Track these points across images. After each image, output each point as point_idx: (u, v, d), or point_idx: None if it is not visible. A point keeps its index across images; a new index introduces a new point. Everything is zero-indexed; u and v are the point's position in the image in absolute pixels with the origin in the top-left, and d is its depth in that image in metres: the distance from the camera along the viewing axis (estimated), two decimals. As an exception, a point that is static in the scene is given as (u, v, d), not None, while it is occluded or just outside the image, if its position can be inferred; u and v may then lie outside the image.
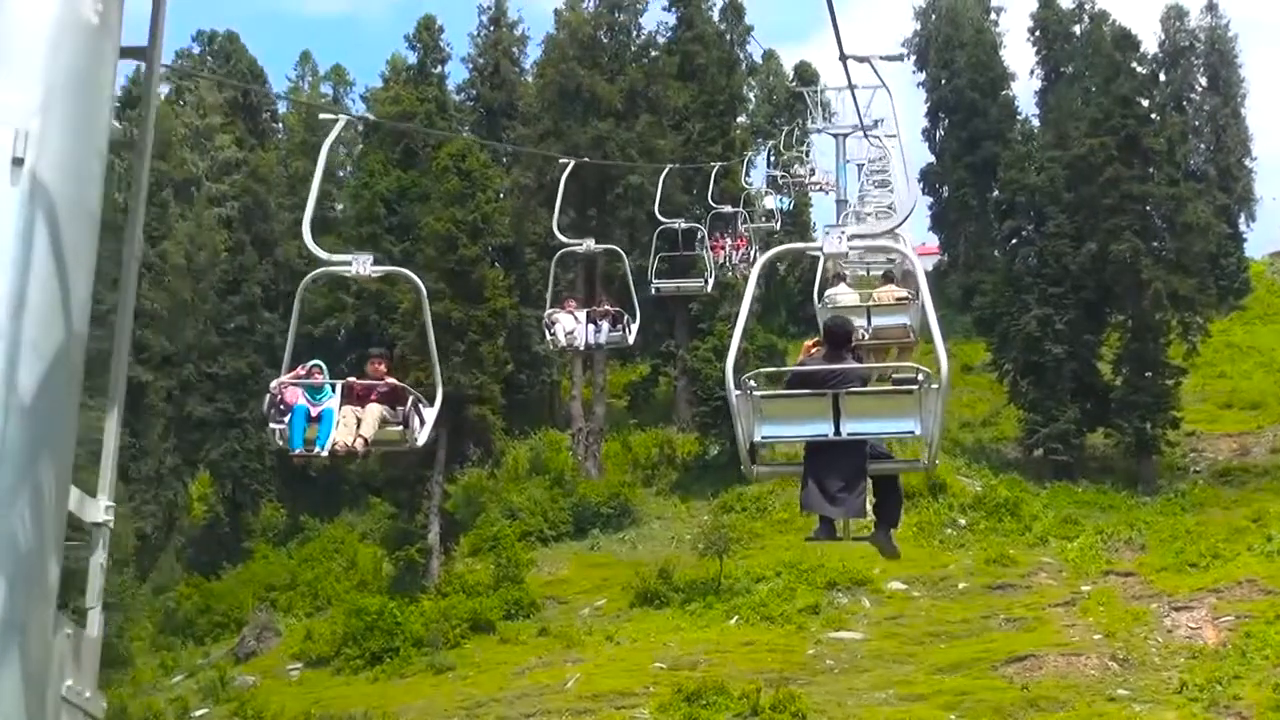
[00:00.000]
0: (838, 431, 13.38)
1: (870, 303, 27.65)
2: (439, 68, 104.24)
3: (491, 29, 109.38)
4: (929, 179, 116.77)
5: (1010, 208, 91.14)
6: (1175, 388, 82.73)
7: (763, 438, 13.59)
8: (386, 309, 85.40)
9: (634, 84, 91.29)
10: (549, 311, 33.62)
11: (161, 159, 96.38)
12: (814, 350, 15.50)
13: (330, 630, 72.93)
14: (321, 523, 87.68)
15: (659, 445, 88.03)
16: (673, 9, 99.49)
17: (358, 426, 19.48)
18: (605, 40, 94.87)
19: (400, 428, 19.62)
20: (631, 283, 35.81)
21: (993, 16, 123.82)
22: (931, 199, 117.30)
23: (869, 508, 14.47)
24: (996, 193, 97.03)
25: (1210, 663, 60.09)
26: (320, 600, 79.04)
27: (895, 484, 15.03)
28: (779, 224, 74.06)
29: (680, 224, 46.63)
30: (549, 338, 33.73)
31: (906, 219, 17.42)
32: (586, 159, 64.95)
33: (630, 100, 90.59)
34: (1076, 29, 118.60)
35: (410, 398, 19.79)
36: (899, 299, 27.87)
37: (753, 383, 13.77)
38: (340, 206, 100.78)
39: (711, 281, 47.72)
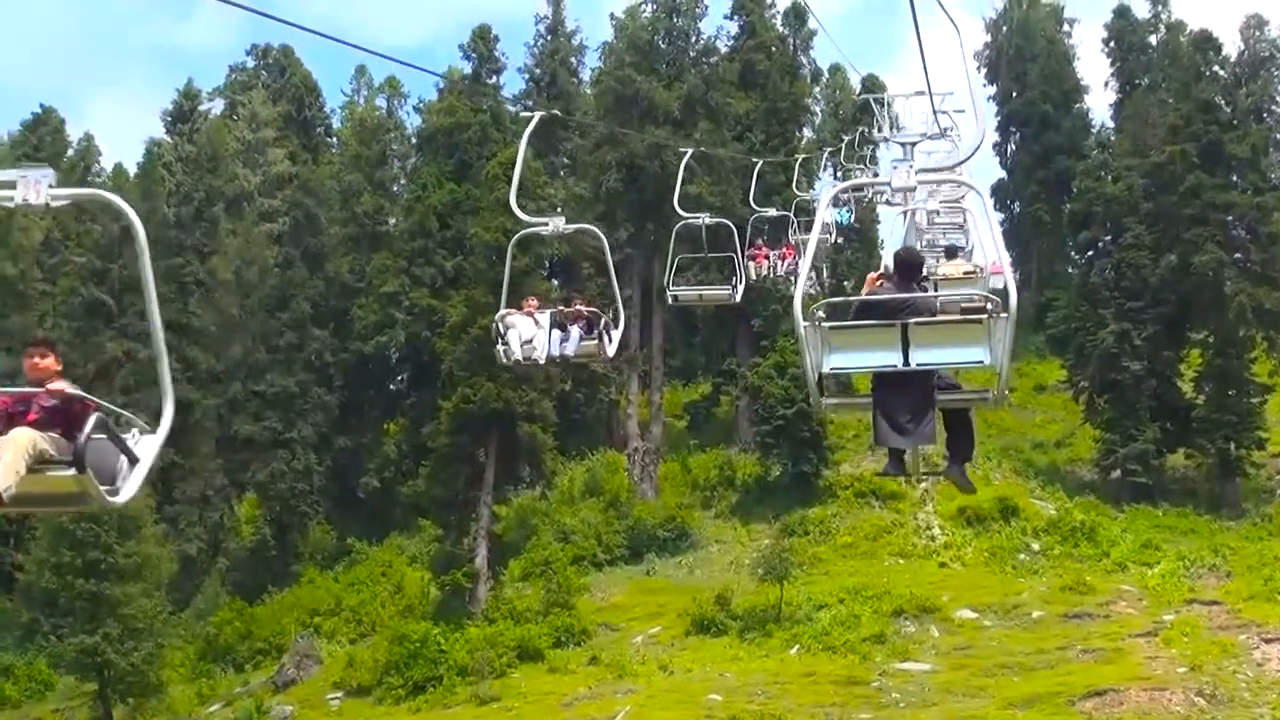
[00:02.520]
0: (906, 361, 13.18)
1: (939, 277, 25.46)
2: (494, 78, 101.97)
3: (549, 38, 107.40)
4: (1000, 194, 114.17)
5: (1086, 218, 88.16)
6: (1260, 406, 79.75)
7: (831, 369, 13.41)
8: (436, 324, 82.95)
9: (692, 90, 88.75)
10: (501, 313, 25.28)
11: (213, 174, 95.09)
12: (879, 282, 15.12)
13: (373, 658, 70.26)
14: (370, 545, 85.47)
15: (719, 466, 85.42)
16: (735, 16, 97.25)
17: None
18: (664, 46, 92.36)
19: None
20: (614, 273, 27.05)
21: (1065, 28, 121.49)
22: (1003, 215, 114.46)
23: (939, 443, 14.55)
24: (1071, 204, 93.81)
25: (1303, 698, 56.74)
26: (365, 626, 76.63)
27: (965, 417, 14.79)
28: (834, 235, 70.93)
29: (705, 218, 37.26)
30: (499, 348, 25.33)
31: (976, 153, 16.04)
32: (557, 113, 60.50)
33: (688, 107, 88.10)
34: (1152, 39, 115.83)
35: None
36: (966, 273, 26.10)
37: (820, 313, 13.46)
38: (393, 220, 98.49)
39: (741, 290, 39.34)
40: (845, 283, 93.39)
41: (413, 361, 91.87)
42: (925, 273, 17.07)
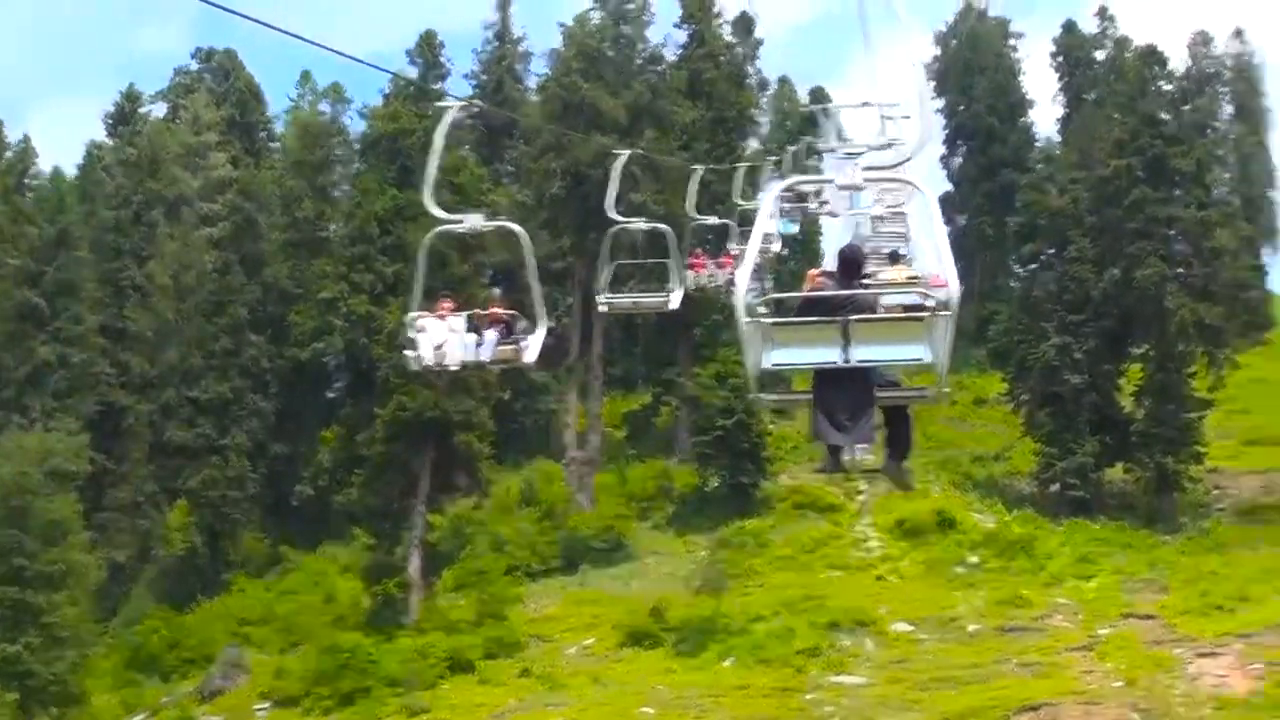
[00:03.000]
0: (847, 358, 13.00)
1: (882, 282, 24.87)
2: (440, 84, 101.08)
3: (496, 45, 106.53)
4: (945, 207, 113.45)
5: (1030, 231, 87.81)
6: (1199, 421, 79.64)
7: (772, 364, 13.21)
8: (375, 331, 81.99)
9: (639, 98, 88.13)
10: (411, 316, 22.83)
11: (153, 177, 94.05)
12: (819, 279, 14.91)
13: (302, 668, 69.46)
14: (303, 554, 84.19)
15: (656, 477, 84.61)
16: (683, 25, 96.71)
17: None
18: (611, 54, 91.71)
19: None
20: (535, 274, 22.97)
21: (1013, 42, 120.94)
22: (948, 228, 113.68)
23: (878, 438, 14.28)
24: (1015, 217, 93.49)
25: (1240, 713, 56.89)
26: (295, 636, 75.45)
27: (905, 414, 14.75)
28: (777, 245, 70.22)
29: (641, 223, 35.91)
30: (408, 354, 23.03)
31: (921, 150, 16.10)
32: (478, 103, 59.13)
33: (635, 115, 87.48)
34: (1099, 55, 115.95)
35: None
36: (910, 278, 25.64)
37: (762, 309, 13.08)
38: (334, 226, 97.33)
39: (677, 297, 37.64)
40: (787, 304, 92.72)
41: (350, 369, 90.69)
42: (867, 276, 16.23)
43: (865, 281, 15.09)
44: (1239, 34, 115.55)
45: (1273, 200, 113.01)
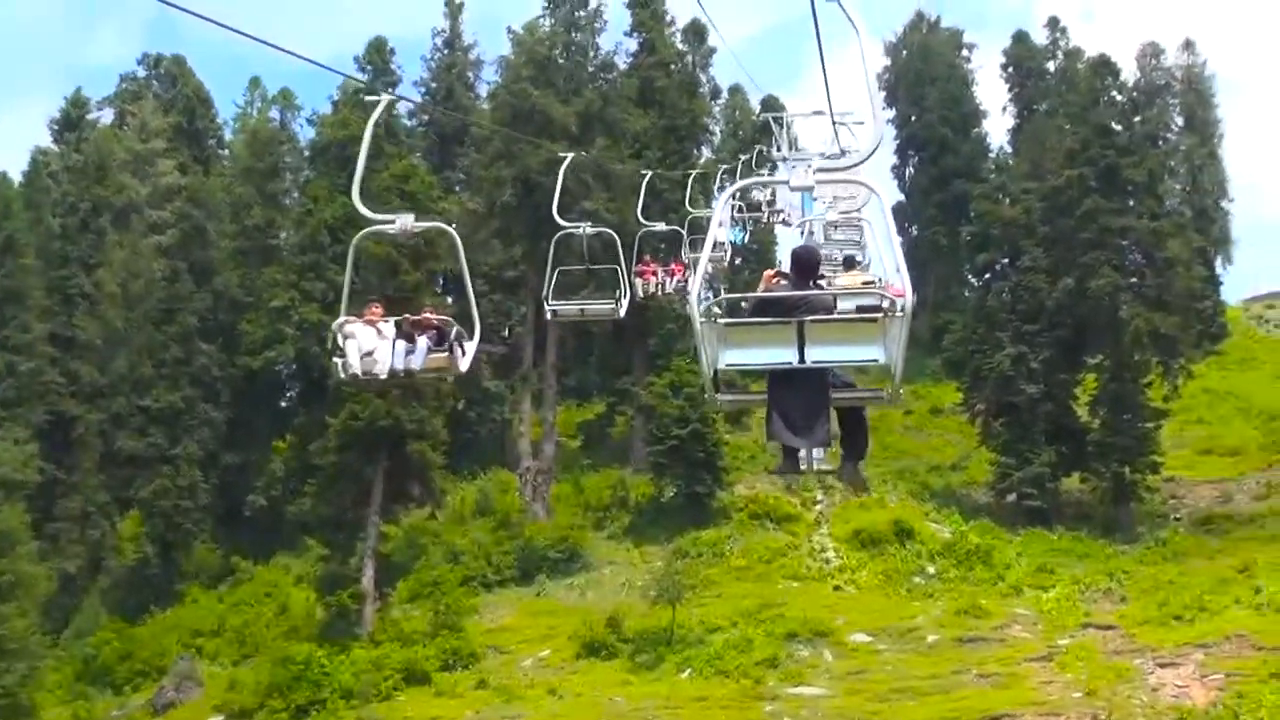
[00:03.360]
0: (802, 359, 13.08)
1: (837, 289, 24.39)
2: (389, 91, 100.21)
3: (445, 52, 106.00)
4: (898, 217, 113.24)
5: (983, 241, 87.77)
6: (1155, 431, 79.85)
7: (727, 364, 13.34)
8: (325, 340, 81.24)
9: (590, 106, 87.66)
10: (339, 321, 21.48)
11: (100, 184, 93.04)
12: (775, 280, 14.89)
13: (255, 680, 68.36)
14: (256, 564, 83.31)
15: (612, 487, 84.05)
16: (635, 33, 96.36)
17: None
18: (561, 61, 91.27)
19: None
20: (468, 278, 22.60)
21: (964, 53, 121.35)
22: (901, 238, 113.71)
23: (835, 440, 14.57)
24: (968, 227, 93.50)
25: (1200, 724, 56.28)
26: (248, 647, 74.69)
27: (860, 415, 14.89)
28: (729, 254, 69.71)
29: (586, 228, 34.47)
30: (335, 361, 21.61)
31: (873, 153, 15.24)
32: (405, 97, 58.63)
33: (586, 123, 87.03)
34: (1050, 65, 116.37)
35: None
36: (865, 283, 25.15)
37: (716, 309, 13.35)
38: (284, 234, 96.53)
39: (625, 305, 36.88)
40: (743, 304, 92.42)
41: (302, 377, 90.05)
42: (823, 278, 16.30)
43: (821, 285, 15.18)
44: (1189, 45, 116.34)
45: (1225, 211, 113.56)
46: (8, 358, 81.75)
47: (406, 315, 22.11)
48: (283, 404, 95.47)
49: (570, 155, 38.49)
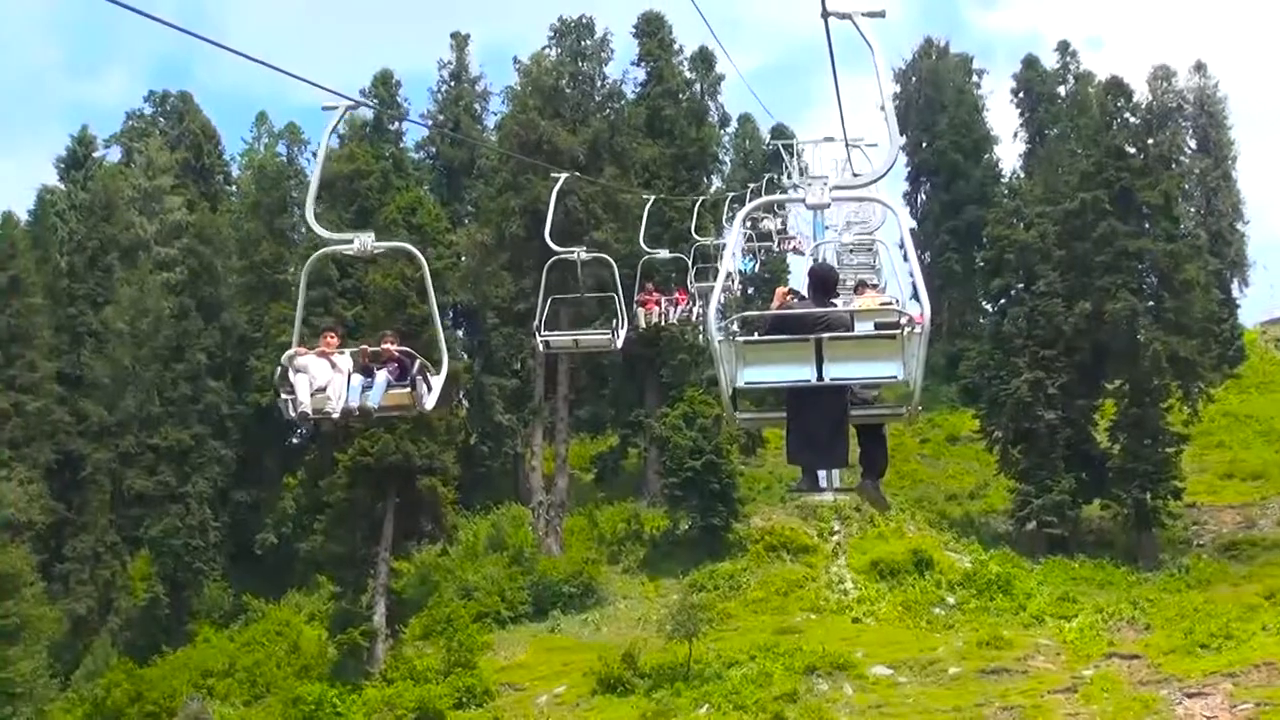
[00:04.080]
0: (820, 376, 13.01)
1: (854, 308, 23.92)
2: (396, 124, 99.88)
3: (452, 84, 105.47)
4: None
5: (998, 266, 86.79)
6: (1176, 456, 78.91)
7: (745, 383, 13.16)
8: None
9: (597, 135, 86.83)
10: (289, 353, 19.25)
11: (107, 222, 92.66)
12: (788, 297, 15.18)
13: (266, 720, 67.39)
14: (267, 603, 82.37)
15: (626, 520, 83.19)
16: (642, 63, 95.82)
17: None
18: (569, 90, 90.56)
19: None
20: (434, 305, 21.26)
21: (975, 79, 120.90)
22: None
23: (854, 459, 14.51)
24: (983, 251, 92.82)
25: (1231, 756, 55.18)
26: (259, 688, 73.56)
27: (879, 433, 14.87)
28: (737, 283, 68.95)
29: (581, 253, 32.18)
30: (284, 398, 19.44)
31: (889, 170, 15.21)
32: (367, 103, 57.42)
33: (594, 152, 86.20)
34: (1061, 90, 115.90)
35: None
36: (883, 304, 24.86)
37: (735, 327, 13.25)
38: (292, 269, 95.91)
39: (623, 335, 35.25)
40: (756, 333, 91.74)
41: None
42: (838, 298, 16.25)
43: (836, 301, 15.25)
44: (1200, 68, 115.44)
45: (1241, 233, 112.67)
46: (15, 397, 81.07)
47: (364, 346, 20.28)
48: (293, 440, 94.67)
49: (564, 175, 37.24)
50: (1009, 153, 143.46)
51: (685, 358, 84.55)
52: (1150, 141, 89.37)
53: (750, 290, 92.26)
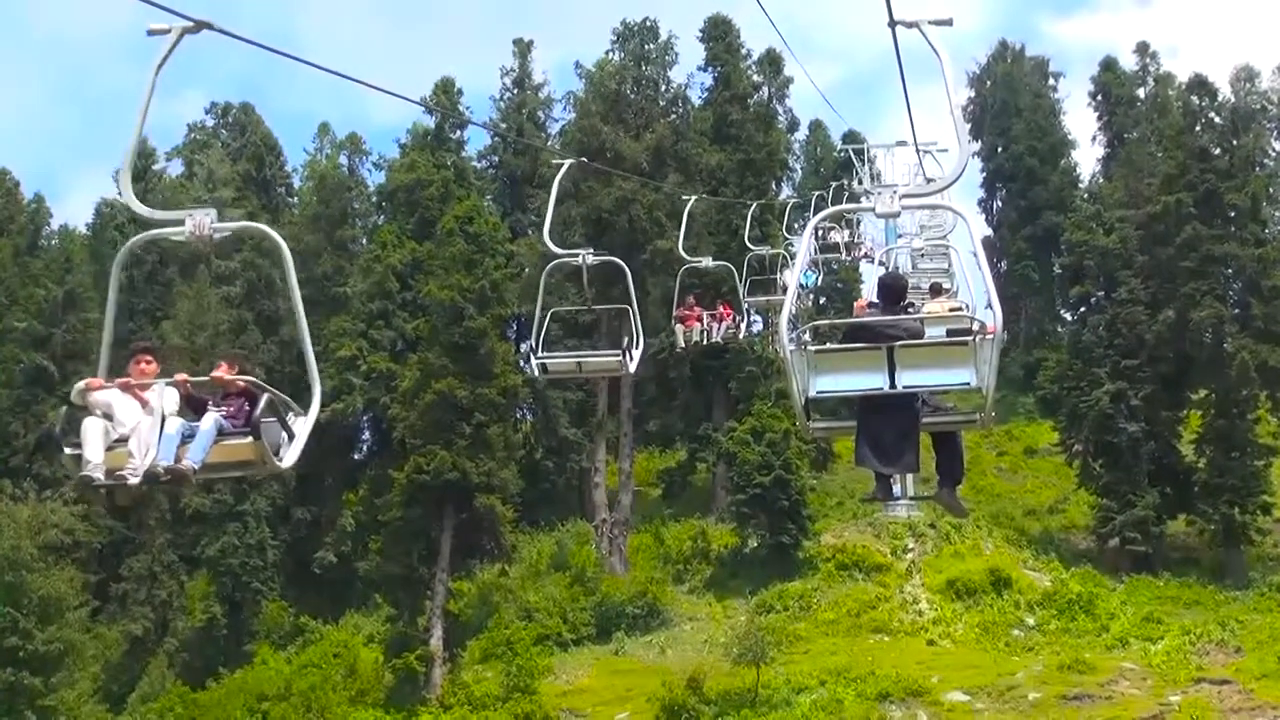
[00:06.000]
0: (893, 384, 13.29)
1: (925, 314, 23.15)
2: (458, 133, 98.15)
3: (515, 91, 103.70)
4: (986, 252, 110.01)
5: (1078, 273, 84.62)
6: (1265, 469, 76.68)
7: (818, 392, 13.45)
8: (395, 389, 78.96)
9: (661, 141, 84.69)
10: (80, 386, 13.63)
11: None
12: (865, 308, 15.24)
13: (320, 748, 65.57)
14: (326, 624, 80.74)
15: (693, 538, 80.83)
16: (709, 68, 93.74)
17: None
18: (632, 96, 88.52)
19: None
20: (300, 309, 14.41)
21: (1051, 82, 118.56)
22: (990, 271, 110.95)
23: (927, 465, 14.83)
24: (1062, 258, 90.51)
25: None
26: (314, 713, 71.63)
27: (953, 439, 14.86)
28: (805, 294, 66.47)
29: (587, 256, 26.43)
30: (66, 452, 13.16)
31: (959, 177, 15.14)
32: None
33: (658, 158, 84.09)
34: (1140, 92, 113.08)
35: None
36: (953, 309, 24.10)
37: (806, 336, 13.55)
38: (351, 281, 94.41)
39: (636, 358, 29.46)
40: (829, 342, 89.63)
41: (373, 429, 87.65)
42: (910, 305, 16.58)
43: (909, 311, 15.55)
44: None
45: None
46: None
47: (183, 377, 14.04)
48: (354, 456, 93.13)
49: (570, 161, 32.87)
50: (1086, 157, 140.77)
51: (754, 370, 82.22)
52: (1235, 142, 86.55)
53: (822, 300, 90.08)
